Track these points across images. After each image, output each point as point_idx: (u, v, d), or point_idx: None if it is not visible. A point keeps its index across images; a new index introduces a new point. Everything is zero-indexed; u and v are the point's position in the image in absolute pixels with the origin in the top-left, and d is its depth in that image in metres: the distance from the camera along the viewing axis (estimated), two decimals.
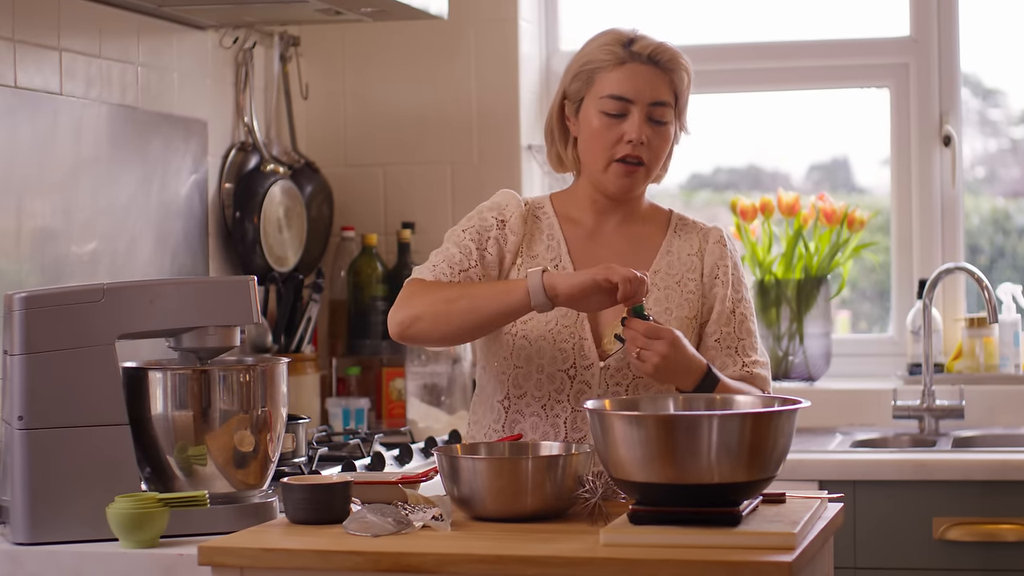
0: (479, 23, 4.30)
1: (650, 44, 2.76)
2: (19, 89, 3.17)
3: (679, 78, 2.77)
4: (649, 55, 2.75)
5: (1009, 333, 4.15)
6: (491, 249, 2.79)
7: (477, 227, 2.80)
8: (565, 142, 2.84)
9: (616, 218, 2.84)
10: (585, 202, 2.84)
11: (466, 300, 2.65)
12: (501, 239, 2.80)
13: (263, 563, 2.34)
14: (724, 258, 2.83)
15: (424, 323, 2.67)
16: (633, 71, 2.74)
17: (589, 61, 2.77)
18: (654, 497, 2.33)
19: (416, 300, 2.68)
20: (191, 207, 3.77)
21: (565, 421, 2.74)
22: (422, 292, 2.69)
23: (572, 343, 2.75)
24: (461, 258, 2.76)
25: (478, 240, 2.79)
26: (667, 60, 2.76)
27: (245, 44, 4.01)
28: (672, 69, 2.76)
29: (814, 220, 4.26)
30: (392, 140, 4.36)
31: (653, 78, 2.75)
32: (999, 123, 4.53)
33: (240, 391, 2.62)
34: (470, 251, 2.77)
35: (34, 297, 2.57)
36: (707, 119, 4.54)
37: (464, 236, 2.79)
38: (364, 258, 4.23)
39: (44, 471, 2.54)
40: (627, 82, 2.74)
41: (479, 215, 2.82)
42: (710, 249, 2.84)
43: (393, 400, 4.16)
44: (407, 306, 2.68)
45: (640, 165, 2.76)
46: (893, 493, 3.54)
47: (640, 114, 2.74)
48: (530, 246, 2.82)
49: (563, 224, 2.84)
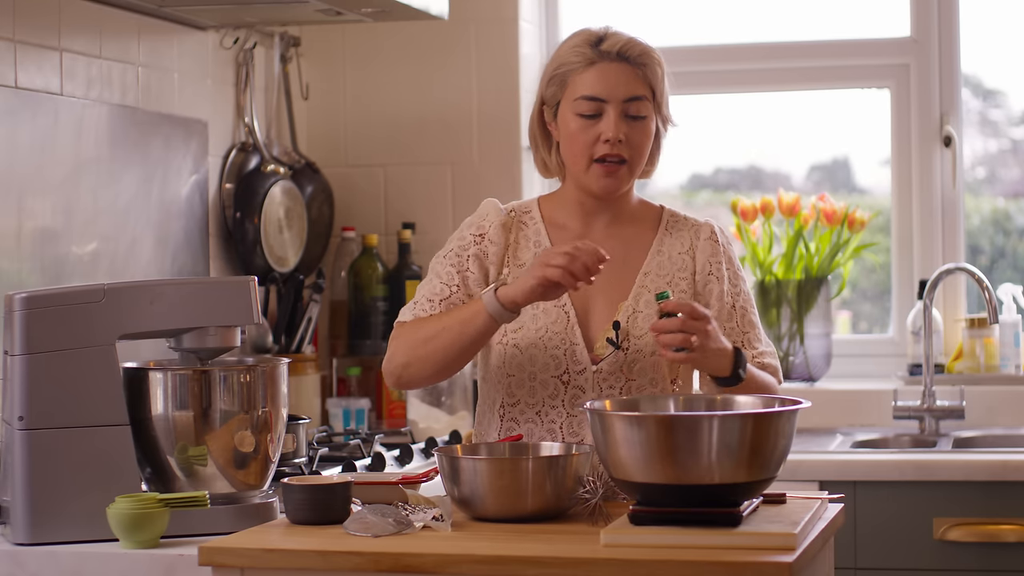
0: (479, 23, 4.30)
1: (618, 41, 2.73)
2: (20, 89, 3.17)
3: (651, 72, 2.74)
4: (618, 52, 2.73)
5: (1009, 334, 4.15)
6: (472, 267, 2.78)
7: (456, 249, 2.80)
8: (548, 147, 2.82)
9: (605, 219, 2.82)
10: (572, 205, 2.82)
11: (442, 336, 2.67)
12: (481, 254, 2.79)
13: (263, 563, 2.34)
14: (716, 254, 2.81)
15: (413, 368, 2.72)
16: (603, 70, 2.73)
17: (561, 64, 2.76)
18: (654, 497, 2.33)
19: (400, 347, 2.73)
20: (192, 207, 3.77)
21: (561, 426, 2.74)
22: (403, 337, 2.73)
23: (564, 349, 2.73)
24: (442, 287, 2.77)
25: (458, 263, 2.78)
26: (637, 55, 2.74)
27: (245, 44, 4.01)
28: (643, 63, 2.74)
29: (815, 220, 4.26)
30: (392, 140, 4.36)
31: (624, 75, 2.73)
32: (999, 123, 4.53)
33: (241, 391, 2.62)
34: (451, 277, 2.77)
35: (35, 297, 2.57)
36: (708, 119, 4.55)
37: (444, 263, 2.79)
38: (364, 258, 4.23)
39: (44, 471, 2.54)
40: (598, 82, 2.72)
41: (459, 234, 2.82)
42: (701, 246, 2.81)
43: (394, 400, 4.16)
44: (394, 356, 2.74)
45: (621, 163, 2.73)
46: (893, 494, 3.54)
47: (615, 112, 2.72)
48: (516, 254, 2.80)
49: (550, 229, 2.82)
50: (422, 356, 2.70)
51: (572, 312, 2.75)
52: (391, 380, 2.76)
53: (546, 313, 2.74)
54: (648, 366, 2.71)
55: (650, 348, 2.71)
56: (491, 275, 2.78)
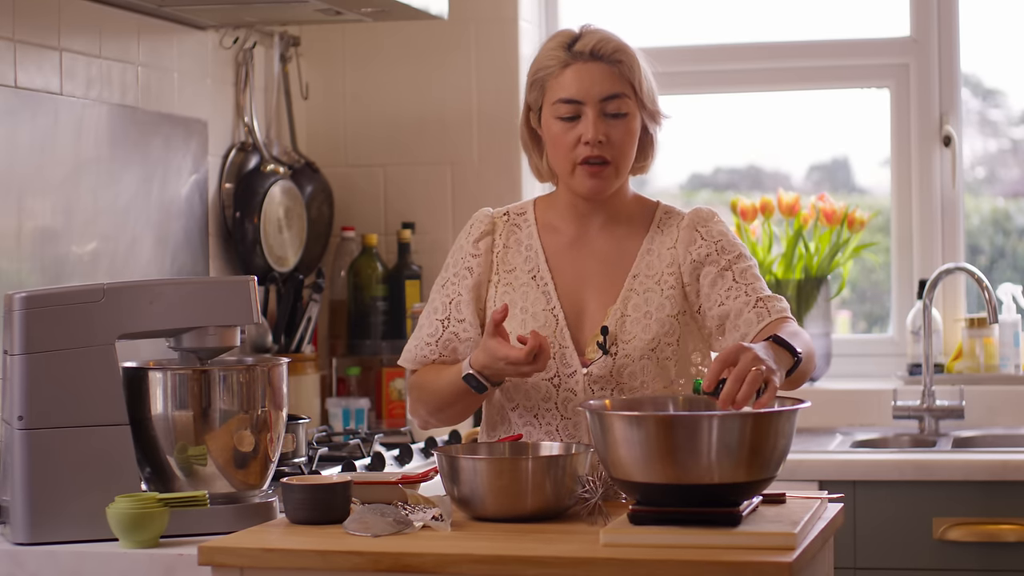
0: (479, 23, 4.30)
1: (591, 40, 2.71)
2: (19, 89, 3.17)
3: (628, 68, 2.71)
4: (591, 51, 2.70)
5: (1009, 333, 4.15)
6: (463, 291, 2.79)
7: (450, 278, 2.81)
8: (539, 152, 2.81)
9: (599, 221, 2.80)
10: (566, 209, 2.80)
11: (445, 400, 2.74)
12: (468, 272, 2.79)
13: (263, 563, 2.34)
14: (695, 242, 2.74)
15: (435, 419, 2.81)
16: (578, 71, 2.70)
17: (539, 69, 2.74)
18: (654, 497, 2.33)
19: (417, 407, 2.82)
20: (191, 207, 3.77)
21: (557, 428, 2.73)
22: (414, 394, 2.82)
23: (553, 353, 2.72)
24: (437, 326, 2.79)
25: (452, 293, 2.80)
26: (610, 52, 2.71)
27: (245, 44, 4.01)
28: (618, 60, 2.71)
29: (814, 220, 4.26)
30: (392, 140, 4.36)
31: (599, 74, 2.70)
32: (999, 123, 4.53)
33: (240, 391, 2.62)
34: (445, 308, 2.79)
35: (34, 297, 2.57)
36: (707, 119, 4.54)
37: (441, 293, 2.81)
38: (364, 258, 4.24)
39: (44, 471, 2.54)
40: (573, 84, 2.70)
41: (451, 257, 2.84)
42: (681, 236, 2.76)
43: (393, 400, 4.16)
44: (415, 411, 2.83)
45: (605, 164, 2.71)
46: (893, 493, 3.54)
47: (593, 112, 2.69)
48: (505, 259, 2.80)
49: (543, 233, 2.81)
50: (439, 417, 2.79)
51: (561, 315, 2.74)
52: (421, 427, 2.88)
53: (535, 317, 2.74)
54: (638, 370, 2.70)
55: (638, 352, 2.70)
56: (482, 289, 2.79)
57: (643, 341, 2.70)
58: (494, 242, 2.81)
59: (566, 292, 2.76)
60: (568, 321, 2.74)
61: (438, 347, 2.79)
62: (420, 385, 2.79)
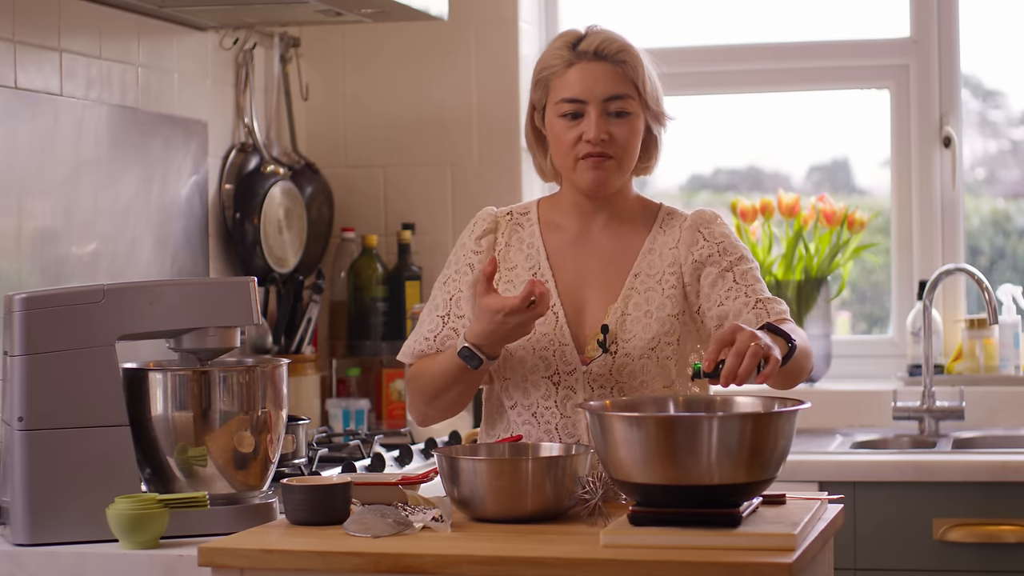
0: (479, 23, 4.30)
1: (595, 40, 2.72)
2: (19, 90, 3.17)
3: (632, 68, 2.72)
4: (595, 51, 2.71)
5: (1009, 334, 4.15)
6: (464, 287, 2.79)
7: (452, 275, 2.82)
8: (543, 152, 2.81)
9: (601, 219, 2.80)
10: (569, 207, 2.81)
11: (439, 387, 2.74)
12: (470, 268, 2.80)
13: (263, 564, 2.34)
14: (697, 242, 2.75)
15: (433, 413, 2.81)
16: (582, 71, 2.71)
17: (544, 68, 2.75)
18: (654, 498, 2.33)
19: (414, 401, 2.82)
20: (191, 208, 3.77)
21: (556, 427, 2.73)
22: (412, 386, 2.81)
23: (553, 350, 2.73)
24: (437, 322, 2.80)
25: (453, 289, 2.80)
26: (614, 52, 2.71)
27: (245, 45, 4.01)
28: (622, 60, 2.71)
29: (814, 221, 4.26)
30: (392, 141, 4.36)
31: (603, 74, 2.71)
32: (999, 124, 4.53)
33: (240, 392, 2.62)
34: (446, 304, 2.80)
35: (34, 298, 2.57)
36: (707, 119, 4.55)
37: (442, 290, 2.82)
38: (364, 259, 4.24)
39: (44, 472, 2.54)
40: (577, 83, 2.71)
41: (454, 255, 2.85)
42: (683, 237, 2.77)
43: (393, 401, 4.16)
44: (413, 406, 2.83)
45: (607, 157, 2.71)
46: (893, 494, 3.55)
47: (596, 112, 2.70)
48: (506, 256, 2.80)
49: (545, 231, 2.81)
50: (436, 406, 2.78)
51: (562, 313, 2.74)
52: (418, 423, 2.87)
53: None
54: (637, 369, 2.70)
55: (638, 351, 2.70)
56: None
57: (643, 340, 2.70)
58: (496, 240, 2.82)
59: (567, 290, 2.76)
60: (568, 319, 2.74)
61: (437, 343, 2.79)
62: (417, 375, 2.79)
